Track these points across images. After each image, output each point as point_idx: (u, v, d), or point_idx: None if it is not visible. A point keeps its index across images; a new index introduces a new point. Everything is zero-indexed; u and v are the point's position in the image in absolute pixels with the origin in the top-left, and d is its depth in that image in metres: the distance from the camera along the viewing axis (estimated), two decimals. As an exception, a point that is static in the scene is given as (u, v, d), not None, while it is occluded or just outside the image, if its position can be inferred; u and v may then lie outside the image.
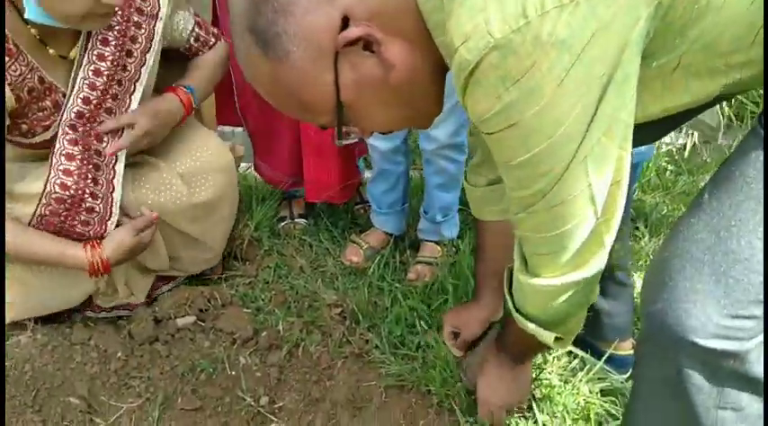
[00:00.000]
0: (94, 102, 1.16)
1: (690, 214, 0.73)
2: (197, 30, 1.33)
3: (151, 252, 1.33)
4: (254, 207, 1.72)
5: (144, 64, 1.22)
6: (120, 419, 1.16)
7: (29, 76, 1.08)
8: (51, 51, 1.11)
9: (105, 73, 1.16)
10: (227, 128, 1.96)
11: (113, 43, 1.16)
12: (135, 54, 1.20)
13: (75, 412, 1.13)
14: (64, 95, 1.15)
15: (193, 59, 1.36)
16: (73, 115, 1.15)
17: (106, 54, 1.16)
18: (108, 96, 1.18)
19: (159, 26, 1.21)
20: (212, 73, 1.36)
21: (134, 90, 1.22)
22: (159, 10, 1.20)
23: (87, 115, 1.16)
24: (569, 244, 0.71)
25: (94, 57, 1.15)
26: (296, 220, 1.78)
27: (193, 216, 1.34)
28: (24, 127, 1.13)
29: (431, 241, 1.64)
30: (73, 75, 1.14)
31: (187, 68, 1.35)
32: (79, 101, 1.14)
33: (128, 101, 1.22)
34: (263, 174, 1.77)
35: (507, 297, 0.89)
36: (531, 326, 0.85)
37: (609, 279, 1.23)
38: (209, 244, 1.43)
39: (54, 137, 1.15)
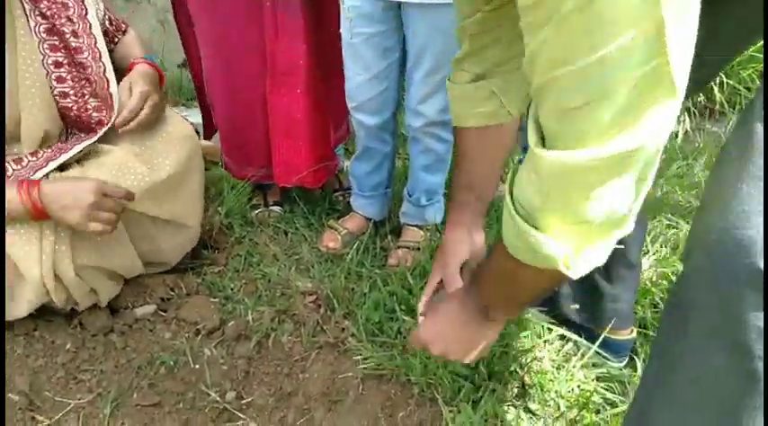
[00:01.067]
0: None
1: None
2: (108, 13, 1.29)
3: (121, 256, 1.21)
4: (225, 192, 1.61)
5: (90, 27, 1.14)
6: (66, 416, 1.04)
7: None
8: None
9: (46, 45, 1.09)
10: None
11: (37, 14, 1.09)
12: (75, 20, 1.13)
13: (15, 410, 1.01)
14: None
15: (119, 44, 1.31)
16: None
17: (35, 25, 1.09)
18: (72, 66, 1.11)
19: None
20: (145, 47, 1.32)
21: (96, 46, 1.14)
22: None
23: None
24: (617, 82, 0.46)
25: (20, 28, 1.07)
26: (270, 208, 1.68)
27: (160, 195, 1.22)
28: None
29: (414, 225, 1.54)
30: None
31: (122, 52, 1.30)
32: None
33: (101, 66, 1.14)
34: (232, 171, 1.64)
35: (508, 199, 0.62)
36: (535, 236, 0.58)
37: (620, 260, 1.13)
38: (183, 222, 1.30)
39: None
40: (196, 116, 1.78)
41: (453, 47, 0.90)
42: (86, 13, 1.15)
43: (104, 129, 1.18)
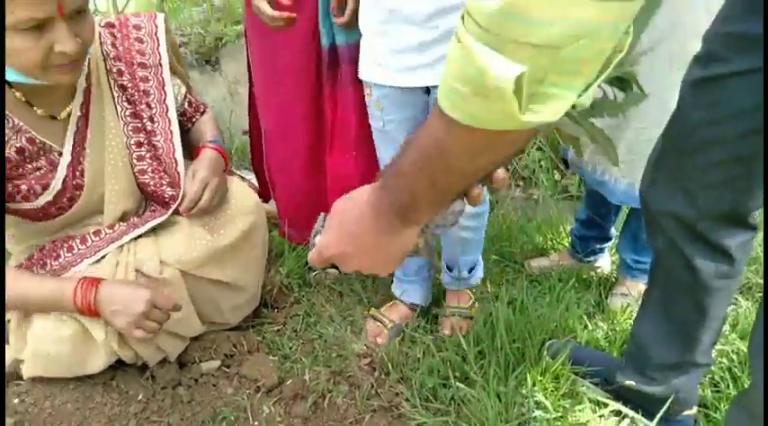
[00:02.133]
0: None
1: None
2: (189, 95, 1.40)
3: (182, 322, 1.28)
4: (285, 254, 1.70)
5: (167, 111, 1.25)
6: (135, 465, 1.10)
7: (14, 138, 1.10)
8: (39, 112, 1.13)
9: (130, 127, 1.23)
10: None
11: (123, 99, 1.22)
12: (153, 105, 1.24)
13: (91, 456, 1.08)
14: (60, 154, 1.17)
15: (196, 124, 1.42)
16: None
17: (121, 108, 1.22)
18: (143, 147, 1.24)
19: (167, 73, 1.25)
20: (217, 129, 1.42)
21: (168, 128, 1.25)
22: (161, 58, 1.25)
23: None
24: None
25: (108, 113, 1.20)
26: (327, 270, 1.75)
27: (222, 261, 1.31)
28: (24, 187, 1.14)
29: (458, 289, 1.55)
30: (70, 134, 1.17)
31: (197, 132, 1.40)
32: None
33: (171, 147, 1.26)
34: (290, 236, 1.72)
35: (459, 23, 0.49)
36: (487, 53, 0.44)
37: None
38: (243, 286, 1.39)
39: (64, 196, 1.18)
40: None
41: None
42: (165, 98, 1.27)
43: (174, 206, 1.27)
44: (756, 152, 0.86)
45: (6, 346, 1.22)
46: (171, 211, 1.27)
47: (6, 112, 1.08)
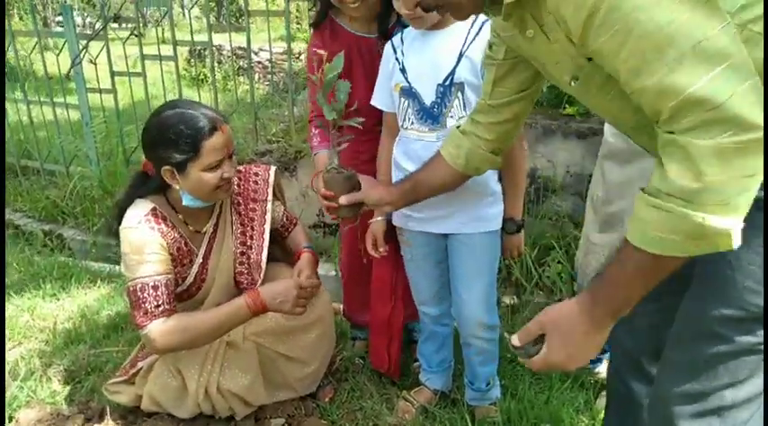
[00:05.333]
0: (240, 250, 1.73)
1: None
2: (286, 213, 1.90)
3: (251, 391, 1.67)
4: (345, 342, 2.14)
5: (263, 233, 1.74)
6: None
7: (178, 242, 1.61)
8: (191, 228, 1.66)
9: (238, 241, 1.72)
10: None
11: (238, 222, 1.72)
12: (255, 227, 1.74)
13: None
14: (196, 256, 1.68)
15: (291, 234, 1.89)
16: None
17: (235, 228, 1.73)
18: (242, 251, 1.73)
19: (270, 206, 1.75)
20: (308, 236, 1.89)
21: (261, 246, 1.74)
22: (267, 196, 1.75)
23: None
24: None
25: (228, 230, 1.70)
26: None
27: (290, 339, 1.73)
28: (178, 276, 1.64)
29: (481, 405, 1.86)
30: (205, 243, 1.69)
31: (293, 240, 1.87)
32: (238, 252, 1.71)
33: (260, 259, 1.72)
34: (351, 318, 2.16)
35: (655, 202, 0.76)
36: (703, 217, 0.72)
37: None
38: (308, 363, 1.79)
39: (194, 285, 1.67)
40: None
41: (486, 263, 1.45)
42: (264, 224, 1.75)
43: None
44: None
45: (130, 385, 1.69)
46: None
47: (174, 226, 1.61)
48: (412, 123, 1.57)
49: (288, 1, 3.08)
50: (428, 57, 1.51)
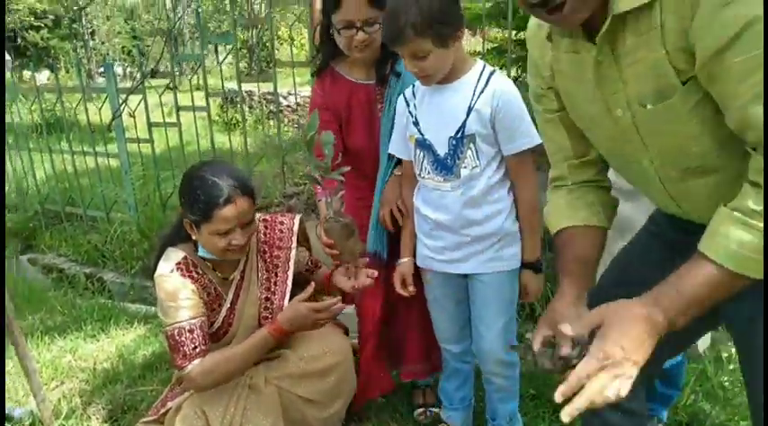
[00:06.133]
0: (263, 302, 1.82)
1: None
2: (311, 258, 1.98)
3: None
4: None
5: (287, 279, 1.83)
6: None
7: (208, 288, 1.72)
8: (219, 274, 1.77)
9: (263, 287, 1.82)
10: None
11: (263, 269, 1.83)
12: (279, 274, 1.83)
13: None
14: (224, 300, 1.78)
15: (316, 273, 1.97)
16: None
17: (260, 275, 1.82)
18: (265, 297, 1.83)
19: (293, 253, 1.84)
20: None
21: (284, 291, 1.82)
22: (291, 244, 1.84)
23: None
24: None
25: (254, 277, 1.80)
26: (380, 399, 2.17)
27: (310, 382, 1.78)
28: (209, 319, 1.74)
29: None
30: (232, 289, 1.79)
31: (318, 276, 1.94)
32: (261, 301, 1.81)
33: (283, 304, 1.80)
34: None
35: (730, 211, 0.83)
36: None
37: None
38: (328, 405, 1.84)
39: (221, 329, 1.77)
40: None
41: (504, 302, 1.50)
42: (287, 270, 1.83)
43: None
44: None
45: (160, 425, 1.77)
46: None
47: (203, 273, 1.72)
48: (428, 172, 1.64)
49: (312, 51, 3.27)
50: (439, 110, 1.59)
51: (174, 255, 1.69)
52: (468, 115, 1.54)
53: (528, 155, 1.58)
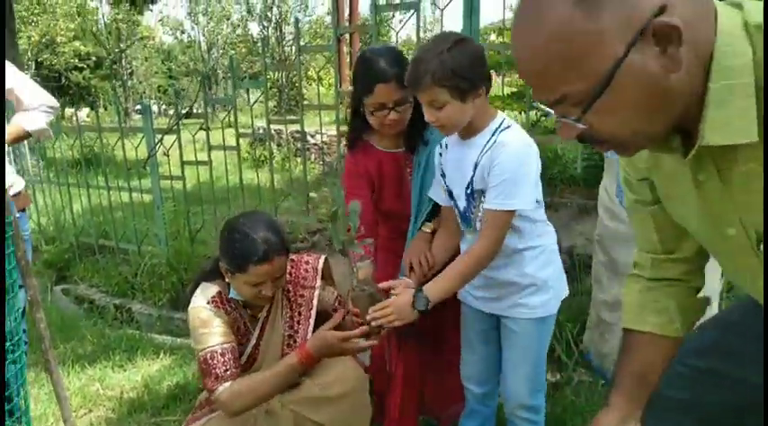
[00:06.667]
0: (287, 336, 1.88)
1: None
2: (336, 292, 2.01)
3: None
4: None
5: (309, 318, 1.88)
6: None
7: (239, 322, 1.80)
8: (249, 312, 1.84)
9: (286, 324, 1.88)
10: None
11: (288, 307, 1.89)
12: (302, 312, 1.89)
13: None
14: (252, 336, 1.85)
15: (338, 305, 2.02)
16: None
17: (285, 312, 1.89)
18: (289, 334, 1.89)
19: (317, 292, 1.89)
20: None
21: (307, 329, 1.88)
22: (316, 283, 1.90)
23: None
24: None
25: (278, 315, 1.87)
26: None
27: (323, 408, 1.80)
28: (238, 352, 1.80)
29: None
30: (259, 325, 1.85)
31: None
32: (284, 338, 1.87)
33: (306, 334, 1.87)
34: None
35: None
36: None
37: None
38: None
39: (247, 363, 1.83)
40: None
41: (532, 349, 1.48)
42: (311, 309, 1.89)
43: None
44: None
45: None
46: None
47: (235, 308, 1.79)
48: (459, 223, 1.71)
49: (338, 95, 3.42)
50: (458, 165, 1.64)
51: (209, 290, 1.78)
52: (474, 171, 1.57)
53: (505, 215, 1.52)
